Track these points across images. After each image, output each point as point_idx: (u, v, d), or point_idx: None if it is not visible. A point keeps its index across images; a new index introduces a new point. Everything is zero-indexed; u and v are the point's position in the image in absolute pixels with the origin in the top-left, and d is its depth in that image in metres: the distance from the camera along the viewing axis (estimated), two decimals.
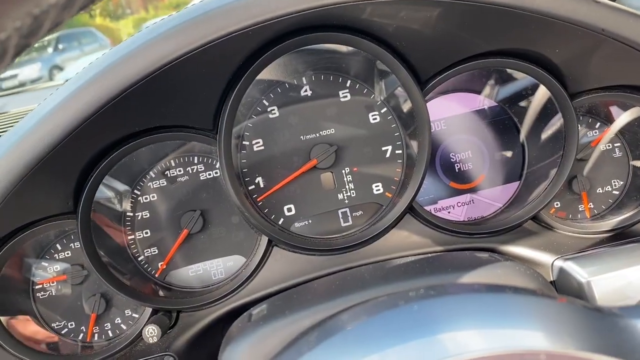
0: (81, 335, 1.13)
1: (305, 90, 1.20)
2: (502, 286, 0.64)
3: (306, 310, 0.75)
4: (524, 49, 1.05)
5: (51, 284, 1.12)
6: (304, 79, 1.20)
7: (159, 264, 1.18)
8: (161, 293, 1.15)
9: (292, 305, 0.79)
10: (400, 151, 1.20)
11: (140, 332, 1.07)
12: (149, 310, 1.11)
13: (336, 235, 1.19)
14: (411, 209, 1.16)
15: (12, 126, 1.54)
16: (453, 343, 0.54)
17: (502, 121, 1.26)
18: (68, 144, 0.89)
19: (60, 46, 16.30)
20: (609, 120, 1.24)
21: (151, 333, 1.02)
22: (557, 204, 1.24)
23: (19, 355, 1.02)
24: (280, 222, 1.19)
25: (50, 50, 16.20)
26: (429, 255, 1.06)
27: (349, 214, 1.21)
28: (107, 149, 1.03)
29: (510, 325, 0.56)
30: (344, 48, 1.12)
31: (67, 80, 0.94)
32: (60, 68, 14.57)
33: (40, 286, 1.12)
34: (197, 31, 0.87)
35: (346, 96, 1.20)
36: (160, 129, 1.06)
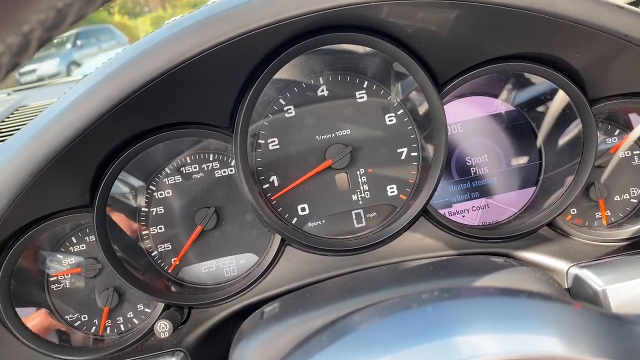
0: (93, 328, 1.14)
1: (322, 90, 1.20)
2: (517, 290, 0.63)
3: (319, 310, 0.75)
4: (543, 53, 1.04)
5: (65, 277, 1.13)
6: (320, 79, 1.20)
7: (172, 260, 1.18)
8: (173, 289, 1.16)
9: (304, 304, 0.79)
10: (415, 153, 1.19)
11: (152, 327, 1.08)
12: (160, 306, 1.11)
13: (349, 236, 1.19)
14: (425, 212, 1.15)
15: (32, 119, 1.56)
16: (467, 346, 0.53)
17: (520, 126, 1.25)
18: (86, 138, 0.90)
19: (79, 42, 16.48)
20: (628, 127, 1.22)
21: (163, 328, 1.03)
22: (573, 211, 1.22)
23: (32, 345, 1.03)
24: (293, 222, 1.19)
25: (68, 46, 16.40)
26: (443, 258, 1.05)
27: (362, 215, 1.21)
28: (125, 143, 1.03)
29: (525, 329, 0.55)
30: (361, 49, 1.12)
31: (86, 75, 0.95)
32: (78, 64, 14.75)
33: (55, 278, 1.13)
34: (217, 29, 0.87)
35: (363, 97, 1.20)
36: (177, 126, 1.06)
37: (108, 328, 1.14)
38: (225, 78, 0.99)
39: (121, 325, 1.15)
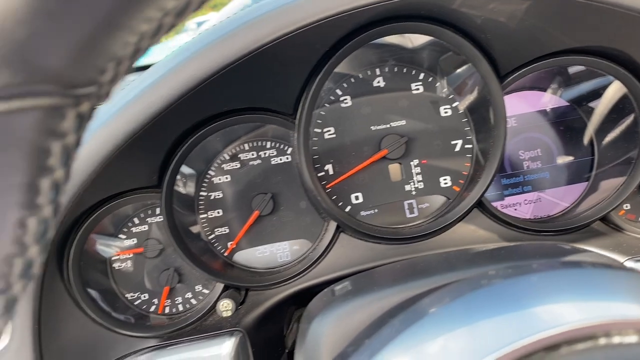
0: (153, 307, 1.17)
1: (378, 82, 1.22)
2: (596, 262, 0.65)
3: (394, 288, 0.76)
4: (607, 47, 1.05)
5: (128, 256, 1.17)
6: (377, 70, 1.22)
7: (229, 244, 1.21)
8: (229, 271, 1.19)
9: (378, 283, 0.81)
10: (470, 146, 1.21)
11: (212, 306, 1.10)
12: (219, 287, 1.14)
13: (403, 226, 1.21)
14: (479, 204, 1.16)
15: None
16: (556, 315, 0.54)
17: (572, 120, 1.26)
18: (163, 119, 0.93)
19: None
20: None
21: (225, 307, 1.06)
22: (626, 206, 1.23)
23: (101, 321, 1.06)
24: (347, 210, 1.21)
25: None
26: (511, 244, 1.07)
27: (415, 205, 1.22)
28: (196, 126, 1.06)
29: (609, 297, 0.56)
30: (418, 40, 1.14)
31: (160, 60, 0.98)
32: None
33: (117, 257, 1.16)
34: (296, 14, 0.90)
35: (418, 89, 1.22)
36: (244, 111, 1.09)
37: (167, 307, 1.17)
38: (295, 64, 1.02)
39: (179, 305, 1.17)
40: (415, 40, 1.16)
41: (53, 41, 0.33)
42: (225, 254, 1.21)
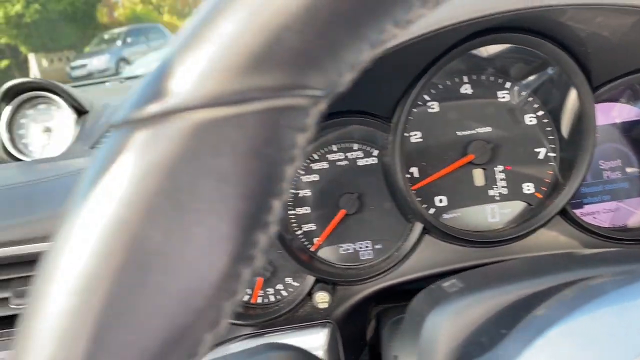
0: (246, 297, 1.22)
1: (465, 89, 1.26)
2: None
3: (514, 285, 0.80)
4: None
5: None
6: (464, 77, 1.26)
7: (314, 239, 1.26)
8: (317, 266, 1.23)
9: (493, 279, 0.85)
10: (554, 154, 1.24)
11: (303, 298, 1.15)
12: (309, 280, 1.18)
13: (486, 230, 1.25)
14: (562, 211, 1.20)
15: None
16: None
17: None
18: None
19: (129, 40, 16.96)
20: None
21: (322, 299, 1.10)
22: None
23: None
24: (430, 212, 1.26)
25: (119, 43, 16.90)
26: (611, 249, 1.10)
27: (497, 210, 1.26)
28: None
29: None
30: (494, 49, 1.19)
31: None
32: (127, 61, 15.16)
33: None
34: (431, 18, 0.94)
35: (504, 97, 1.26)
36: (347, 112, 1.14)
37: (260, 298, 1.22)
38: (400, 70, 1.07)
39: (271, 296, 1.22)
40: (490, 49, 1.20)
41: (317, 49, 0.38)
42: (312, 249, 1.26)
